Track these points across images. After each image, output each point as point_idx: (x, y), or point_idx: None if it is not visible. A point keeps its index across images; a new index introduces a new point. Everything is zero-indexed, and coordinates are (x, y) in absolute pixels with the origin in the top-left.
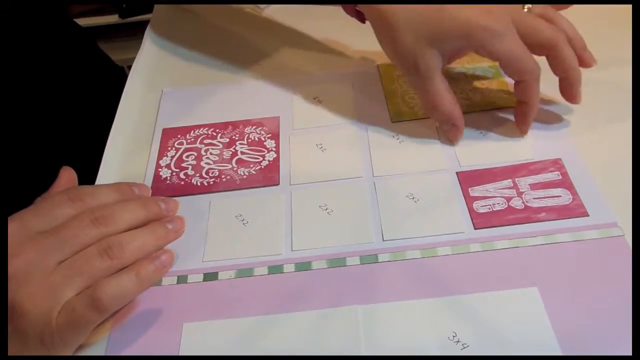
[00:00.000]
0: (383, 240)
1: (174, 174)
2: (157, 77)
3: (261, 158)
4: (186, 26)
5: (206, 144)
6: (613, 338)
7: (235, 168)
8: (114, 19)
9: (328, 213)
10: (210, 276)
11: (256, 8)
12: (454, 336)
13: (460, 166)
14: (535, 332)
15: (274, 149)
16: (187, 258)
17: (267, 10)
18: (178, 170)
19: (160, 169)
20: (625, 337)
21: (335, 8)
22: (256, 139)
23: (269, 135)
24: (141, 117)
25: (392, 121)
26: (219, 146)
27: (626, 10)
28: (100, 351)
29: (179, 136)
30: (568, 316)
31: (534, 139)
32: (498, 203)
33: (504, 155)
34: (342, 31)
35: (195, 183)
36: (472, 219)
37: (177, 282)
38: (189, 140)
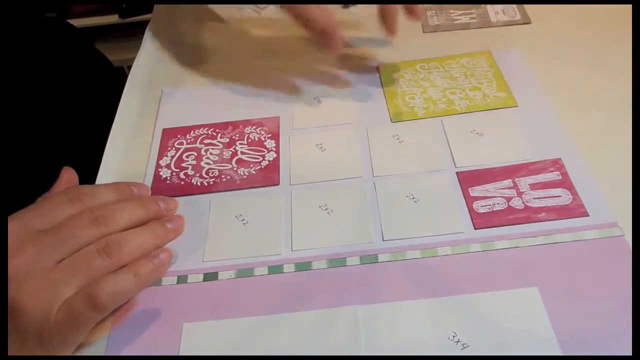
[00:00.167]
0: (383, 240)
1: (174, 174)
2: (157, 77)
3: (261, 158)
4: (186, 26)
5: (206, 144)
6: (613, 338)
7: (235, 168)
8: (114, 19)
9: (328, 213)
10: (210, 276)
11: (256, 8)
12: (454, 336)
13: (460, 166)
14: (535, 332)
15: (274, 149)
16: (187, 258)
17: (267, 10)
18: (178, 170)
19: (160, 169)
20: (625, 337)
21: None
22: (256, 139)
23: (269, 135)
24: (141, 117)
25: (392, 121)
26: (219, 146)
27: (626, 10)
28: (100, 351)
29: (179, 136)
30: (568, 316)
31: (534, 139)
32: (498, 203)
33: (504, 155)
34: (342, 31)
35: (195, 183)
36: (472, 219)
37: (177, 282)
38: (189, 140)
